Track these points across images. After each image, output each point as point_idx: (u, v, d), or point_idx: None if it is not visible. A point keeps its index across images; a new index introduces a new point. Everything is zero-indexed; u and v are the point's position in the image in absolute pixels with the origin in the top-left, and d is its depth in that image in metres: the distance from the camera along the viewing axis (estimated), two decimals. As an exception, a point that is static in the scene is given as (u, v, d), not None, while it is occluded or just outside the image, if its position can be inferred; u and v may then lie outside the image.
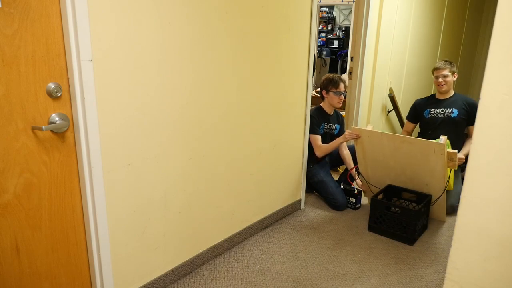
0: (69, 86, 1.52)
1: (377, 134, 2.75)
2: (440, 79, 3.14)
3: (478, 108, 1.01)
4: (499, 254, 1.03)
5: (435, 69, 3.17)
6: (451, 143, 2.88)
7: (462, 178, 2.42)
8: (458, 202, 1.09)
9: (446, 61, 3.17)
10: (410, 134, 3.50)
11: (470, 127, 3.20)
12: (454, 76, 3.15)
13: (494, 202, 1.01)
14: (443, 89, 3.16)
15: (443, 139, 2.51)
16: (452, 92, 3.23)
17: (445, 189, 2.66)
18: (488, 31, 5.82)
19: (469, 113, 3.14)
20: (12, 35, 1.34)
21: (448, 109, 3.18)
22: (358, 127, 2.88)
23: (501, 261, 1.03)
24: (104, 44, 1.56)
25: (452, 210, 2.94)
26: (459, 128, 3.18)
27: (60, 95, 1.50)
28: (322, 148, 3.06)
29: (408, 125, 3.48)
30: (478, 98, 0.98)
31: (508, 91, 0.93)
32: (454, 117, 3.16)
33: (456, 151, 2.54)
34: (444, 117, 3.19)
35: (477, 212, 1.05)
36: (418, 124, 3.42)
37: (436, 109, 3.23)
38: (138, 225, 1.87)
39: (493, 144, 0.98)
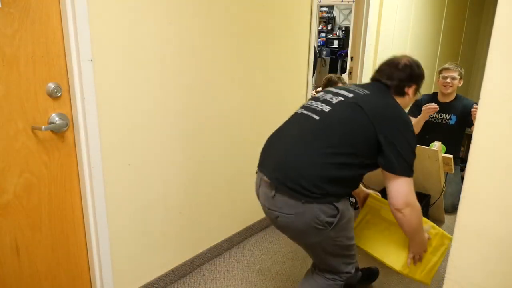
0: (69, 86, 1.52)
1: None
2: (448, 80, 3.02)
3: (478, 108, 1.01)
4: (499, 254, 1.03)
5: (445, 69, 3.07)
6: (448, 150, 2.83)
7: (462, 178, 2.42)
8: (459, 201, 1.09)
9: (456, 64, 3.08)
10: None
11: (473, 128, 3.15)
12: (460, 82, 3.06)
13: (494, 202, 1.01)
14: (448, 91, 3.05)
15: (437, 145, 2.52)
16: (454, 95, 3.14)
17: (442, 192, 2.66)
18: (488, 31, 5.82)
19: (465, 117, 3.05)
20: (12, 35, 1.34)
21: (447, 115, 3.11)
22: None
23: (501, 261, 1.03)
24: (104, 44, 1.56)
25: (453, 209, 2.94)
26: (457, 134, 3.11)
27: (60, 95, 1.50)
28: None
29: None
30: (478, 98, 0.98)
31: (508, 91, 0.93)
32: (452, 124, 3.09)
33: (451, 156, 2.54)
34: (442, 123, 3.13)
35: (477, 212, 1.04)
36: None
37: (435, 113, 3.13)
38: (138, 225, 1.87)
39: (493, 144, 0.98)
